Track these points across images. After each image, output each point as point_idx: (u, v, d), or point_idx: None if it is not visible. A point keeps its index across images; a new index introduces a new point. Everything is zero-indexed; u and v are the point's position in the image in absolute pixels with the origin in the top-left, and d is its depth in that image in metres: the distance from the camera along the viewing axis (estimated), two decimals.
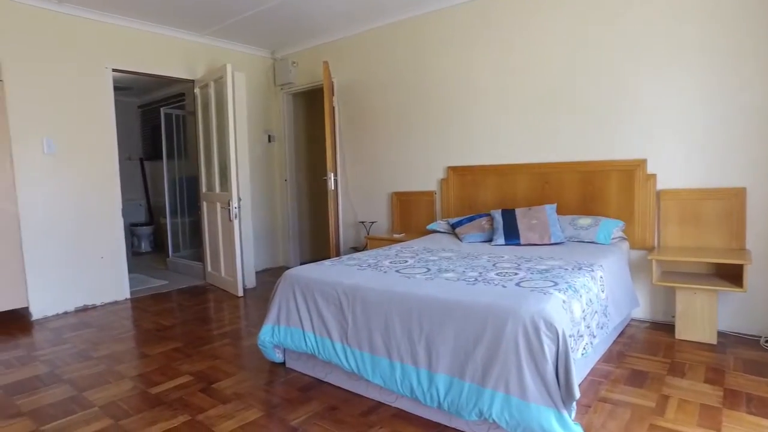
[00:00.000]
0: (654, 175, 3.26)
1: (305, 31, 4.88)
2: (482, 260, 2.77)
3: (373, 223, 4.85)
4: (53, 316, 3.97)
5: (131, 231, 6.96)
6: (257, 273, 5.29)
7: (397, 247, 3.38)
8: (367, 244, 4.50)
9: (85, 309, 4.14)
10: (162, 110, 5.75)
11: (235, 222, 4.30)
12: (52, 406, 2.39)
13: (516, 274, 2.37)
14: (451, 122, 4.25)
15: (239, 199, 4.36)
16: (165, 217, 6.14)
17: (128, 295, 4.44)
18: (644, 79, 3.28)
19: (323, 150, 6.16)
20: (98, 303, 4.25)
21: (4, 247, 3.71)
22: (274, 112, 5.68)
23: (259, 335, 2.69)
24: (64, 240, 4.03)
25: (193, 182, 6.02)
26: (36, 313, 3.90)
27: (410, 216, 4.58)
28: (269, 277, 5.23)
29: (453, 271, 2.48)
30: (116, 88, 6.86)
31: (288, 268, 5.65)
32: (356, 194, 5.03)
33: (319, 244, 6.22)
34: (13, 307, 3.80)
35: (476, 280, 2.25)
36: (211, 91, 4.60)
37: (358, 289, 2.31)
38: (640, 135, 3.32)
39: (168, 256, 5.83)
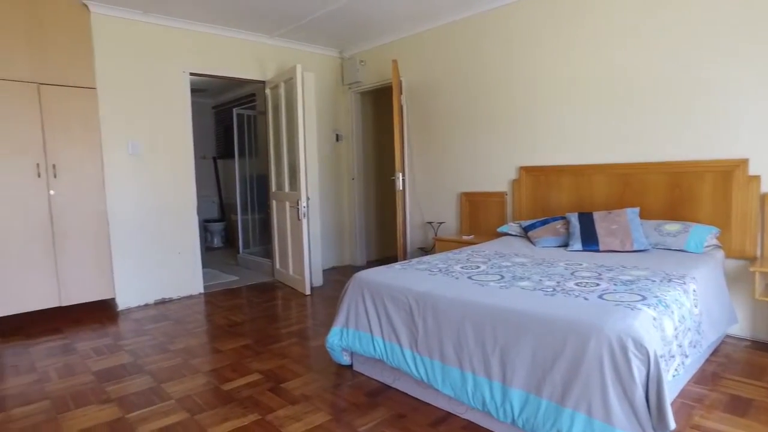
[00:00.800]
0: (758, 177, 2.96)
1: (372, 29, 4.89)
2: (559, 268, 2.64)
3: (441, 224, 4.78)
4: (135, 307, 4.25)
5: (204, 227, 7.32)
6: (324, 271, 5.37)
7: (468, 250, 3.30)
8: (435, 246, 4.44)
9: (163, 302, 4.39)
10: (234, 111, 5.99)
11: (304, 221, 4.39)
12: (136, 395, 2.54)
13: (597, 284, 2.23)
14: (522, 120, 4.10)
15: (308, 199, 4.45)
16: (236, 214, 6.40)
17: (202, 290, 4.66)
18: (745, 66, 2.98)
19: (390, 149, 6.16)
20: (175, 297, 4.49)
21: (96, 243, 4.00)
22: (341, 111, 5.74)
23: (327, 338, 2.72)
24: (146, 236, 4.30)
25: (263, 180, 6.22)
26: (121, 304, 4.18)
27: (479, 217, 4.47)
28: (336, 275, 5.31)
29: (528, 279, 2.38)
30: (192, 90, 7.24)
31: (354, 267, 5.71)
32: (424, 194, 4.98)
33: (385, 243, 6.23)
34: (102, 298, 4.09)
35: (554, 290, 2.14)
36: (282, 92, 4.71)
37: (429, 296, 2.27)
38: (740, 132, 3.03)
39: (238, 252, 6.08)
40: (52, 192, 3.81)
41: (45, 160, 3.78)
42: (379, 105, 6.16)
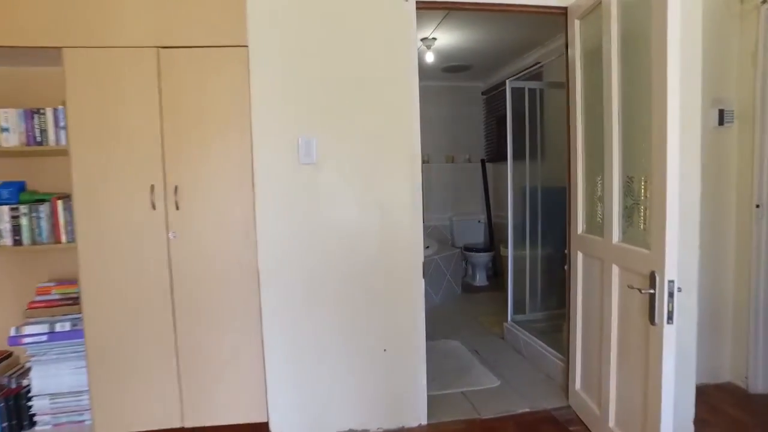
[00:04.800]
0: None
1: None
2: None
3: None
4: None
5: (464, 255, 5.06)
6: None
7: None
8: None
9: None
10: (507, 84, 3.44)
11: (667, 330, 1.58)
12: None
13: None
14: None
15: (676, 271, 1.60)
16: (507, 246, 3.90)
17: (424, 420, 2.29)
18: None
19: None
20: (373, 429, 2.29)
21: (238, 321, 2.10)
22: (733, 62, 2.56)
23: None
24: (324, 312, 2.16)
25: (554, 197, 3.55)
26: None
27: None
28: (708, 414, 2.26)
29: None
30: (451, 69, 4.95)
31: (747, 394, 2.49)
32: None
33: None
34: (248, 421, 2.17)
35: None
36: (612, 21, 1.94)
37: None
38: None
39: (507, 318, 3.53)
40: (171, 235, 2.07)
41: (163, 179, 2.04)
42: None
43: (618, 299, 1.89)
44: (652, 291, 1.59)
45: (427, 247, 4.56)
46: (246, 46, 2.04)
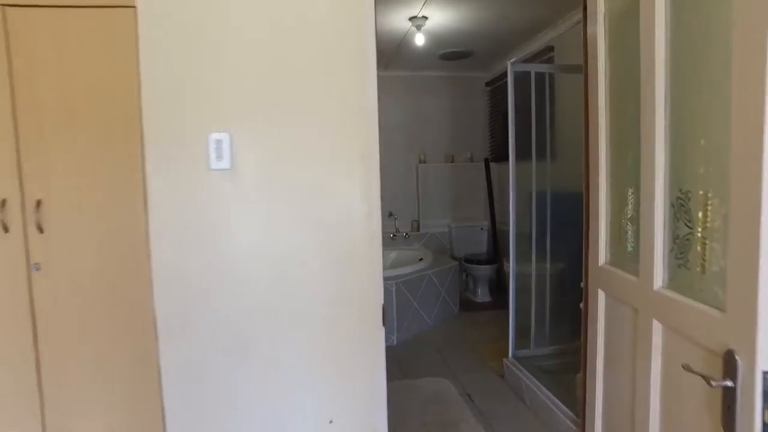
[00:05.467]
0: None
1: None
2: None
3: None
4: None
5: (464, 267, 4.44)
6: None
7: None
8: None
9: None
10: (509, 66, 2.77)
11: None
12: None
13: None
14: None
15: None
16: (515, 260, 3.26)
17: None
18: None
19: None
20: None
21: (129, 381, 1.51)
22: None
23: None
24: (247, 375, 1.54)
25: (566, 203, 2.92)
26: None
27: None
28: None
29: None
30: (450, 56, 4.22)
31: None
32: None
33: None
34: None
35: None
36: None
37: None
38: None
39: (508, 353, 2.89)
40: (34, 267, 1.50)
41: (20, 190, 1.46)
42: None
43: (662, 372, 1.25)
44: (729, 383, 0.96)
45: (420, 259, 3.95)
46: (133, 7, 1.45)
